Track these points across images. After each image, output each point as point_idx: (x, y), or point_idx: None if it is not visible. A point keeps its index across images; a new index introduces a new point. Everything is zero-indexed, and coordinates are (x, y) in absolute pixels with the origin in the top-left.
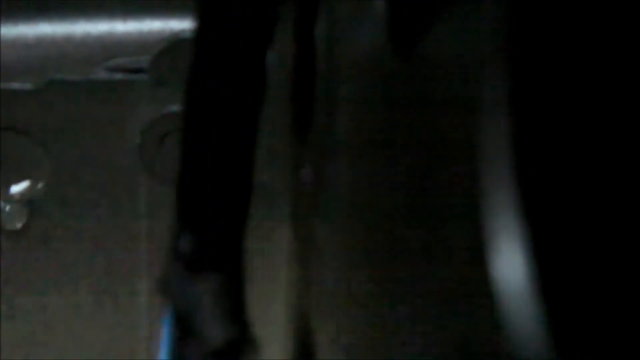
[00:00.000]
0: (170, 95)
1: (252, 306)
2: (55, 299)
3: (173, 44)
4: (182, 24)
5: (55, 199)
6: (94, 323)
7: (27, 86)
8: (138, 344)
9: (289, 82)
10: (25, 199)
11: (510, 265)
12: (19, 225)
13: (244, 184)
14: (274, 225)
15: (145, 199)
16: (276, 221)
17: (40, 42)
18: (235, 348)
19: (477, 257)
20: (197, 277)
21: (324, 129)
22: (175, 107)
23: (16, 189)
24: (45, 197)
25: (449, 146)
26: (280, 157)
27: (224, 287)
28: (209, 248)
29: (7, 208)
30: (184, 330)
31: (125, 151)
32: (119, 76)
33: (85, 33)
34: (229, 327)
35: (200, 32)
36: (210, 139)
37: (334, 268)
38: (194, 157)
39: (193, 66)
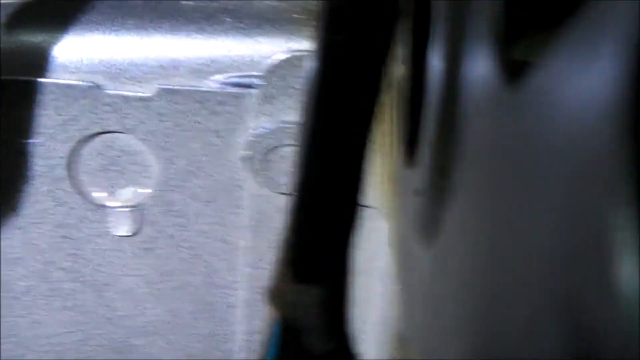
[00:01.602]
0: (279, 110)
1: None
2: (154, 305)
3: (283, 62)
4: (292, 44)
5: (161, 206)
6: (190, 331)
7: (139, 92)
8: (232, 354)
9: (398, 105)
10: (133, 205)
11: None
12: (125, 231)
13: (354, 201)
14: (375, 245)
15: (248, 212)
16: (377, 242)
17: (154, 51)
18: (336, 359)
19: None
20: (304, 287)
21: (434, 151)
22: (283, 122)
23: (125, 194)
24: (152, 203)
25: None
26: (384, 178)
27: (329, 299)
28: (318, 260)
29: (116, 213)
30: (288, 338)
31: (231, 163)
32: (229, 89)
33: (199, 46)
34: (332, 338)
35: (322, 51)
36: (326, 153)
37: (435, 288)
38: (310, 169)
39: (314, 83)
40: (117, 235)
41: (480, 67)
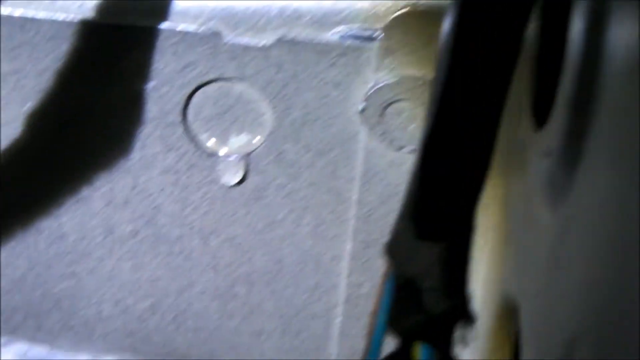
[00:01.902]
0: (398, 65)
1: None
2: (260, 254)
3: (405, 16)
4: None
5: (273, 155)
6: (294, 282)
7: (258, 42)
8: (335, 306)
9: (528, 64)
10: (244, 153)
11: None
12: (235, 179)
13: (484, 160)
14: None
15: (361, 165)
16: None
17: (276, 0)
18: (453, 318)
19: None
20: (426, 244)
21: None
22: (402, 77)
23: (237, 142)
24: (263, 153)
25: None
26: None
27: (451, 258)
28: (442, 218)
29: (226, 161)
30: (406, 293)
31: (347, 116)
32: (349, 42)
33: None
34: (451, 297)
35: (460, 6)
36: (460, 109)
37: (554, 252)
38: (440, 125)
39: (450, 37)
40: (226, 183)
41: (629, 30)
